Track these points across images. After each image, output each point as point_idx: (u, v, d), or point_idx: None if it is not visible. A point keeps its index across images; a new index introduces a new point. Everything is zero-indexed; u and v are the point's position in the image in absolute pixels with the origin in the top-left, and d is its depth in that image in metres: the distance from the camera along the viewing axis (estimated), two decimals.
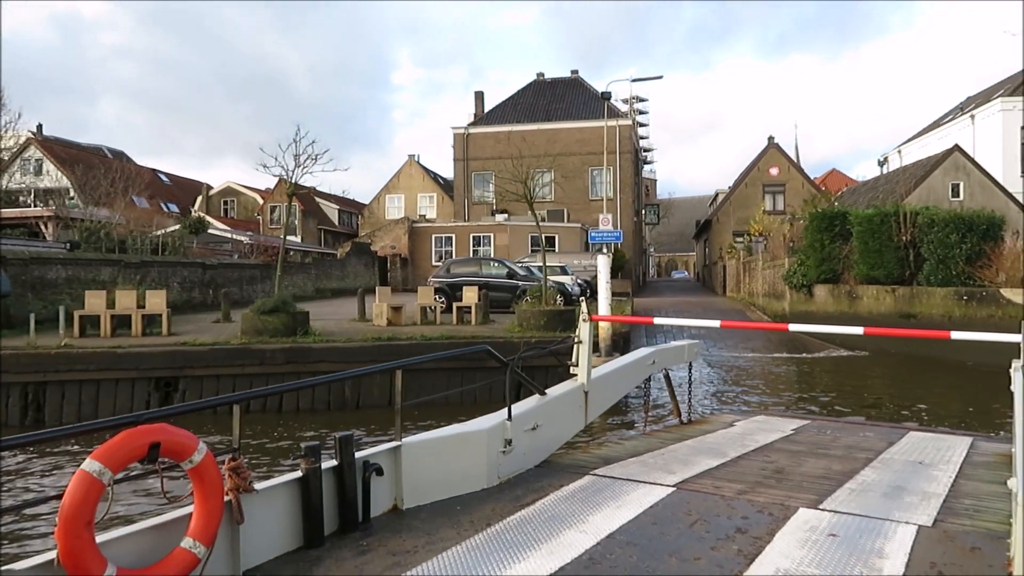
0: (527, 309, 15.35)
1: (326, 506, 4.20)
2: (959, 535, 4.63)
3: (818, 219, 24.15)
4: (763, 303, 31.75)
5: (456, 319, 17.15)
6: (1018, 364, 5.96)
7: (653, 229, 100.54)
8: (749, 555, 4.14)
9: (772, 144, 47.43)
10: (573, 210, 42.79)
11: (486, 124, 45.11)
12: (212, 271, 22.25)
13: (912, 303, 20.59)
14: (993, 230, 19.31)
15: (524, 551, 4.10)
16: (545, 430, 6.19)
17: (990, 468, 6.84)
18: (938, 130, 41.25)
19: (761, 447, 7.50)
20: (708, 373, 18.74)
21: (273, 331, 13.78)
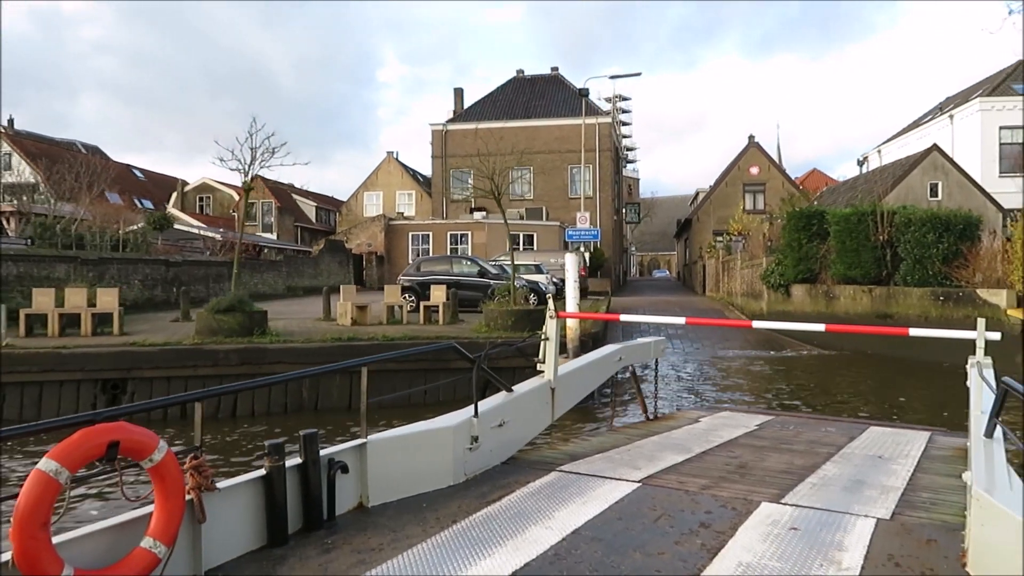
0: (494, 309, 14.91)
1: (290, 504, 4.15)
2: (916, 527, 4.72)
3: (795, 218, 23.88)
4: (741, 303, 31.49)
5: (424, 319, 16.69)
6: (974, 360, 6.34)
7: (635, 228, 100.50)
8: (712, 549, 4.18)
9: (752, 143, 47.26)
10: (552, 208, 42.41)
11: (465, 121, 44.61)
12: (176, 268, 21.64)
13: (889, 303, 20.34)
14: (970, 230, 19.08)
15: (490, 548, 4.10)
16: (512, 427, 6.20)
17: (946, 462, 7.02)
18: (917, 130, 41.16)
19: (725, 442, 7.59)
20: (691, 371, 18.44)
21: (228, 331, 13.25)
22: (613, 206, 45.98)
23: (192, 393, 4.26)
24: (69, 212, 24.92)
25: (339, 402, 12.95)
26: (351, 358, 12.88)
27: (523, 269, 25.50)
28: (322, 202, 55.75)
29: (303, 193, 54.98)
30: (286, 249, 39.62)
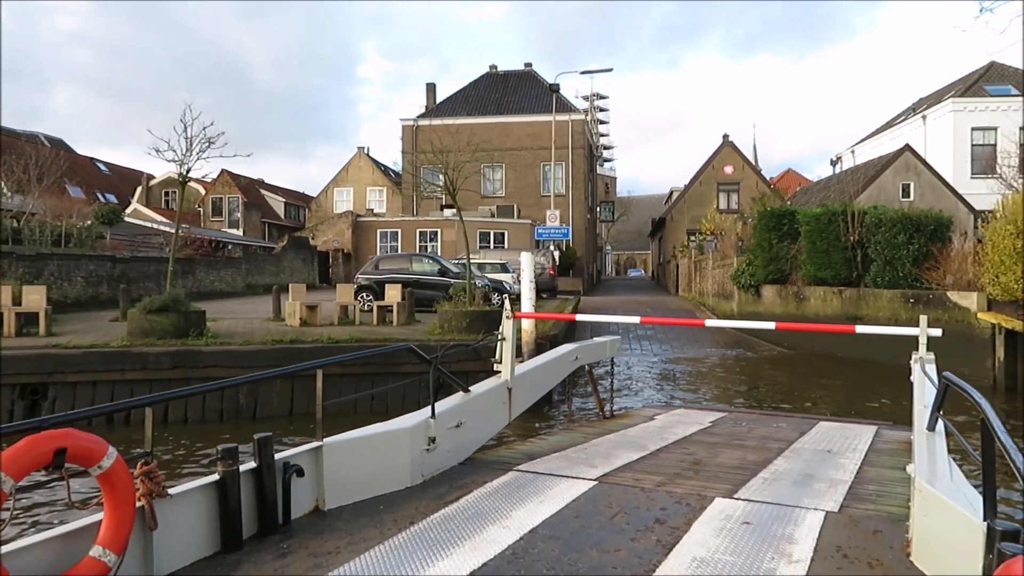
0: (448, 309, 14.23)
1: (244, 509, 4.09)
2: (863, 519, 4.84)
3: (766, 218, 23.41)
4: (713, 303, 31.06)
5: (377, 319, 15.96)
6: (916, 356, 6.44)
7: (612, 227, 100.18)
8: (667, 545, 4.23)
9: (727, 142, 46.93)
10: (525, 206, 41.76)
11: (436, 116, 43.79)
12: (124, 265, 20.72)
13: (859, 305, 19.91)
14: (941, 231, 18.65)
15: (447, 548, 4.09)
16: (469, 427, 6.20)
17: (892, 455, 7.20)
18: (891, 130, 41.01)
19: (680, 439, 7.70)
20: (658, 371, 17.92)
21: (162, 332, 12.46)
22: (586, 204, 45.44)
23: (144, 398, 4.13)
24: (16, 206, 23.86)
25: (279, 409, 12.21)
26: (293, 361, 12.29)
27: (488, 268, 24.86)
28: (291, 198, 54.68)
29: (271, 188, 53.91)
30: (251, 246, 38.65)
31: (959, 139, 34.09)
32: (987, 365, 15.85)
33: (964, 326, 16.53)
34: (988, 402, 3.50)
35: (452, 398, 6.34)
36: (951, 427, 4.74)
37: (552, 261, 28.90)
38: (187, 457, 9.98)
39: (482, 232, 37.66)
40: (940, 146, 34.76)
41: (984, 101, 34.30)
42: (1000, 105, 33.83)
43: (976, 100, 34.39)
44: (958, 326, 16.72)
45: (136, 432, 10.94)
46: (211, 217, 47.92)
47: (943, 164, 32.79)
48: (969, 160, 33.90)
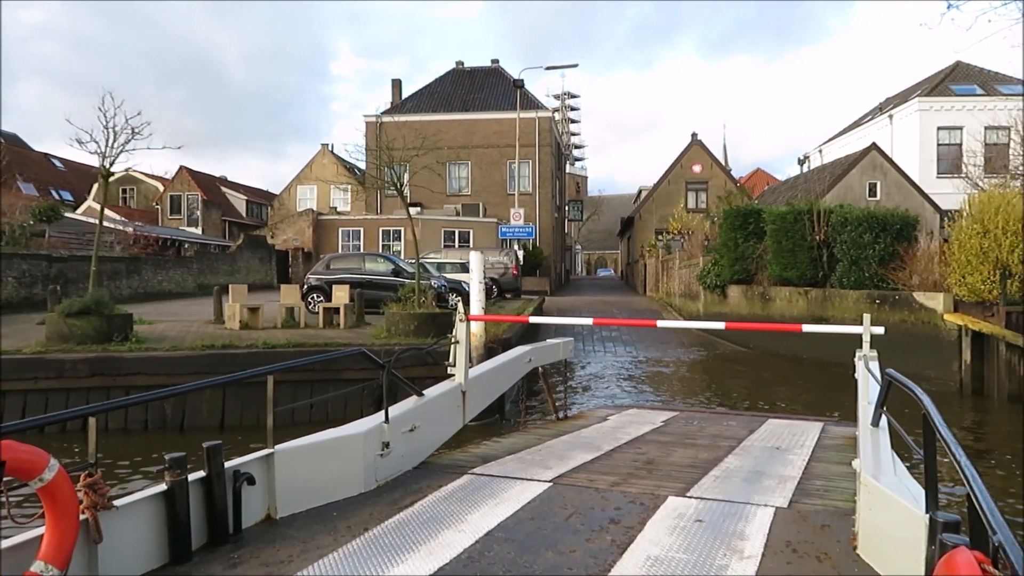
0: (396, 312, 13.49)
1: (193, 519, 4.00)
2: (811, 514, 4.92)
3: (732, 216, 22.94)
4: (680, 303, 30.60)
5: (324, 322, 15.17)
6: (860, 354, 6.57)
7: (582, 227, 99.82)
8: (622, 545, 4.25)
9: (695, 141, 46.58)
10: (491, 204, 41.04)
11: (401, 113, 42.95)
12: (61, 264, 19.67)
13: (825, 306, 19.49)
14: (907, 230, 18.28)
15: (402, 554, 4.07)
16: (423, 431, 6.17)
17: (838, 451, 7.35)
18: (858, 130, 40.91)
19: (633, 439, 7.76)
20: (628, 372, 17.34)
21: (82, 337, 11.58)
22: (554, 203, 44.83)
23: (87, 407, 3.97)
24: None
25: (209, 420, 11.42)
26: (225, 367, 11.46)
27: (449, 268, 24.14)
28: (254, 196, 53.43)
29: (233, 186, 52.64)
30: (206, 244, 37.51)
31: (925, 138, 33.99)
32: (953, 368, 15.46)
33: (930, 328, 16.13)
34: (929, 398, 3.50)
35: (406, 402, 6.22)
36: (894, 422, 4.74)
37: (516, 261, 28.23)
38: (107, 475, 9.13)
39: (447, 231, 36.90)
40: (906, 145, 34.65)
41: (950, 100, 34.23)
42: (965, 104, 33.78)
43: (942, 99, 34.31)
44: (924, 328, 16.33)
45: (54, 441, 10.09)
46: (170, 215, 46.61)
47: (909, 163, 32.65)
48: (935, 159, 33.82)
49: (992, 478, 9.65)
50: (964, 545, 2.44)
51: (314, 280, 18.56)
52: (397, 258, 20.17)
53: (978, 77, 35.95)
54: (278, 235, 36.95)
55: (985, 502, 2.36)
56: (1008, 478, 9.49)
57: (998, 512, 2.29)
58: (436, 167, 42.00)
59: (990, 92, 34.38)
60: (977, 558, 2.23)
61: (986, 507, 2.33)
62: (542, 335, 24.40)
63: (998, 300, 14.84)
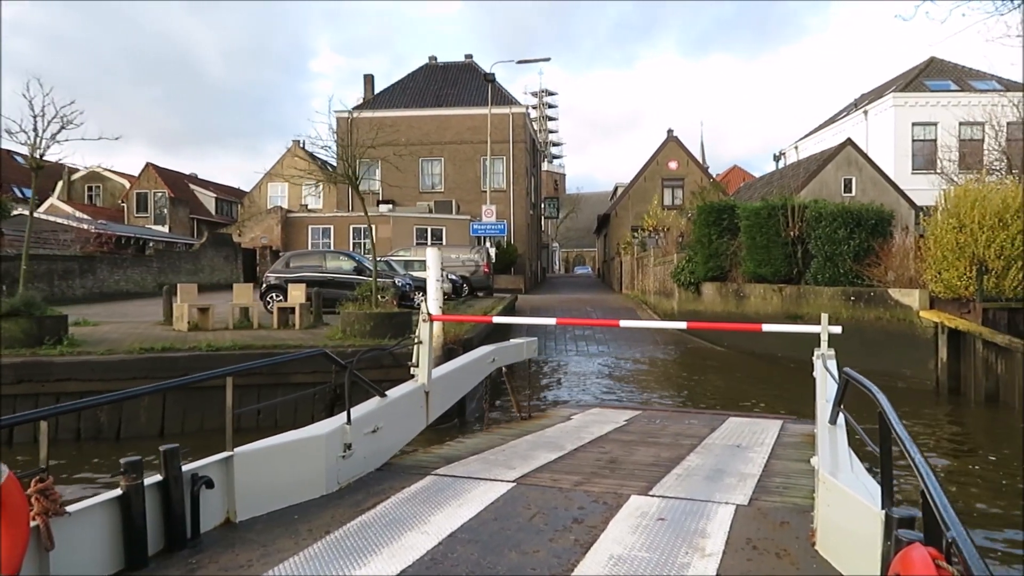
0: (352, 312, 12.85)
1: (150, 524, 3.93)
2: (771, 511, 4.95)
3: (705, 212, 22.48)
4: (654, 301, 30.17)
5: (279, 322, 14.48)
6: (819, 352, 6.54)
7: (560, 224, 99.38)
8: (585, 544, 4.25)
9: (671, 137, 46.22)
10: (464, 201, 40.38)
11: (373, 108, 42.13)
12: (8, 263, 18.78)
13: (799, 303, 19.07)
14: (882, 225, 17.89)
15: (365, 556, 4.03)
16: (386, 432, 6.13)
17: (797, 448, 7.40)
18: (833, 126, 40.73)
19: (596, 439, 7.77)
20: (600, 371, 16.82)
21: (10, 340, 10.81)
22: (529, 200, 44.26)
23: (40, 411, 3.78)
24: None
25: (148, 428, 10.71)
26: (165, 372, 10.80)
27: (417, 266, 23.48)
28: (224, 193, 52.35)
29: (203, 184, 51.56)
30: (170, 242, 36.54)
31: (900, 134, 33.81)
32: (929, 367, 15.07)
33: (906, 325, 15.73)
34: (885, 396, 3.55)
35: (368, 403, 6.17)
36: (851, 420, 4.79)
37: (487, 258, 27.60)
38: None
39: (419, 228, 36.23)
40: (882, 141, 34.46)
41: (924, 96, 34.09)
42: (940, 100, 33.64)
43: (916, 95, 34.16)
44: (900, 325, 15.93)
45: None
46: (136, 213, 45.51)
47: (884, 159, 32.44)
48: (910, 155, 33.66)
49: (971, 482, 9.22)
50: (919, 541, 2.49)
51: (273, 279, 17.85)
52: (361, 256, 19.47)
53: (952, 73, 35.85)
54: (246, 233, 36.07)
55: (939, 498, 2.36)
56: (989, 482, 9.05)
57: (951, 509, 2.29)
58: (408, 163, 41.33)
59: (964, 88, 34.29)
60: (931, 554, 2.25)
61: (940, 503, 2.33)
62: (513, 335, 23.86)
63: (975, 296, 14.45)
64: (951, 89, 34.27)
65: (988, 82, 33.49)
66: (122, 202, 45.63)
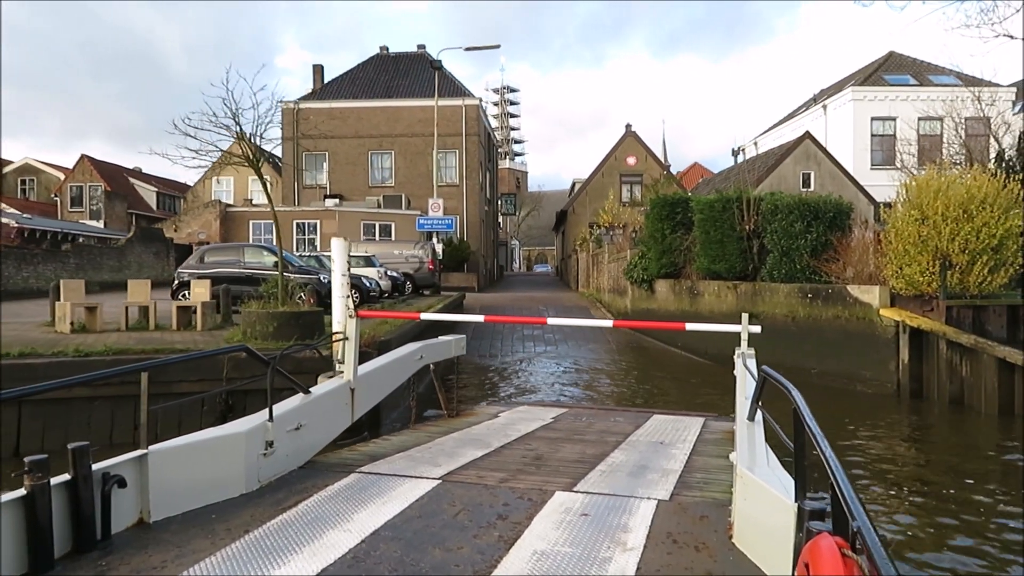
0: (254, 311, 11.42)
1: (56, 525, 3.76)
2: (691, 506, 5.07)
3: (659, 206, 21.34)
4: (608, 299, 29.05)
5: (178, 322, 12.97)
6: (739, 351, 6.61)
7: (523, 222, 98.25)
8: (509, 540, 4.26)
9: (629, 132, 45.23)
10: (416, 196, 38.88)
11: (320, 99, 40.52)
12: None
13: (755, 301, 18.01)
14: (841, 218, 16.89)
15: (285, 556, 3.95)
16: (309, 430, 6.05)
17: (717, 444, 7.47)
18: (792, 121, 40.07)
19: (523, 436, 7.76)
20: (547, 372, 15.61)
21: None
22: (483, 195, 42.92)
23: None
24: None
25: None
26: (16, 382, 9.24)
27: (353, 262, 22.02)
28: (167, 187, 50.13)
29: (144, 177, 49.33)
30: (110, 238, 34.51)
31: (859, 129, 33.15)
32: (891, 368, 14.07)
33: (865, 324, 14.73)
34: (799, 393, 3.61)
35: (291, 400, 6.08)
36: (768, 417, 4.84)
37: (433, 255, 26.21)
38: None
39: (366, 224, 34.72)
40: (841, 136, 33.79)
41: (883, 90, 33.48)
42: (899, 95, 33.05)
43: (876, 89, 33.53)
44: (859, 324, 14.92)
45: None
46: (70, 208, 43.24)
47: (844, 155, 31.76)
48: (869, 150, 32.99)
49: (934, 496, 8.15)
50: (827, 531, 2.57)
51: (185, 275, 16.29)
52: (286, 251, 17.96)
53: (911, 67, 35.33)
54: (182, 228, 34.22)
55: (846, 490, 2.47)
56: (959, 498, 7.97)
57: (857, 500, 2.39)
58: (357, 157, 39.78)
59: (923, 83, 33.76)
60: (838, 543, 2.33)
61: (847, 495, 2.43)
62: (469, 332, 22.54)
63: (937, 293, 13.48)
64: (910, 83, 33.73)
65: (946, 76, 32.94)
66: (55, 196, 43.32)
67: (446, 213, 36.42)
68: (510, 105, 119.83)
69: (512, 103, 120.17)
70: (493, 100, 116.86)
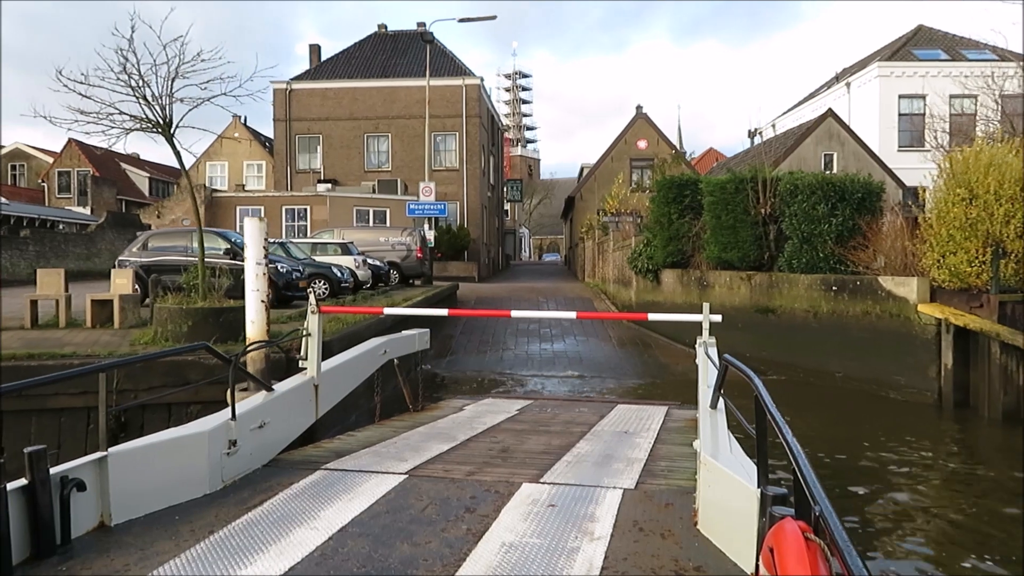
0: (165, 307, 9.53)
1: (14, 531, 3.71)
2: (656, 494, 5.14)
3: (665, 188, 19.27)
4: (613, 290, 27.03)
5: (93, 319, 11.12)
6: (701, 340, 6.86)
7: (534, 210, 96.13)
8: (477, 533, 4.30)
9: (640, 114, 42.96)
10: (413, 181, 36.77)
11: (313, 79, 38.58)
12: None
13: (771, 294, 15.97)
14: (870, 199, 14.79)
15: (251, 555, 3.93)
16: (273, 427, 6.02)
17: (681, 432, 7.67)
18: (813, 101, 37.68)
19: (489, 428, 7.84)
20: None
21: None
22: (485, 180, 40.88)
23: None
24: None
25: None
26: None
27: (331, 249, 20.16)
28: (160, 173, 48.49)
29: (137, 163, 47.70)
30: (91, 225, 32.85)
31: (885, 107, 30.77)
32: (930, 374, 12.00)
33: (900, 321, 12.66)
34: (761, 380, 3.65)
35: (255, 397, 6.12)
36: (730, 404, 4.91)
37: (422, 242, 24.27)
38: None
39: (359, 210, 32.82)
40: (866, 116, 31.42)
41: (912, 66, 31.07)
42: (929, 70, 30.64)
43: (904, 64, 31.12)
44: (892, 321, 12.85)
45: None
46: (58, 194, 41.70)
47: (869, 136, 29.45)
48: (896, 130, 30.62)
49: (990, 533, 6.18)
50: (790, 516, 2.66)
51: (127, 263, 14.45)
52: (237, 235, 16.06)
53: (942, 42, 32.85)
54: (166, 214, 32.50)
55: (808, 475, 2.52)
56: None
57: (819, 485, 2.45)
58: (353, 140, 37.85)
59: (956, 57, 31.31)
60: (801, 527, 2.46)
61: (809, 480, 2.49)
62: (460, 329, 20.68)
63: (988, 286, 11.41)
64: (941, 58, 31.29)
65: (981, 51, 30.47)
66: (42, 181, 41.77)
67: (445, 198, 34.49)
68: (522, 91, 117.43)
69: (524, 88, 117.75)
70: (505, 86, 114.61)
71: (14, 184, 45.43)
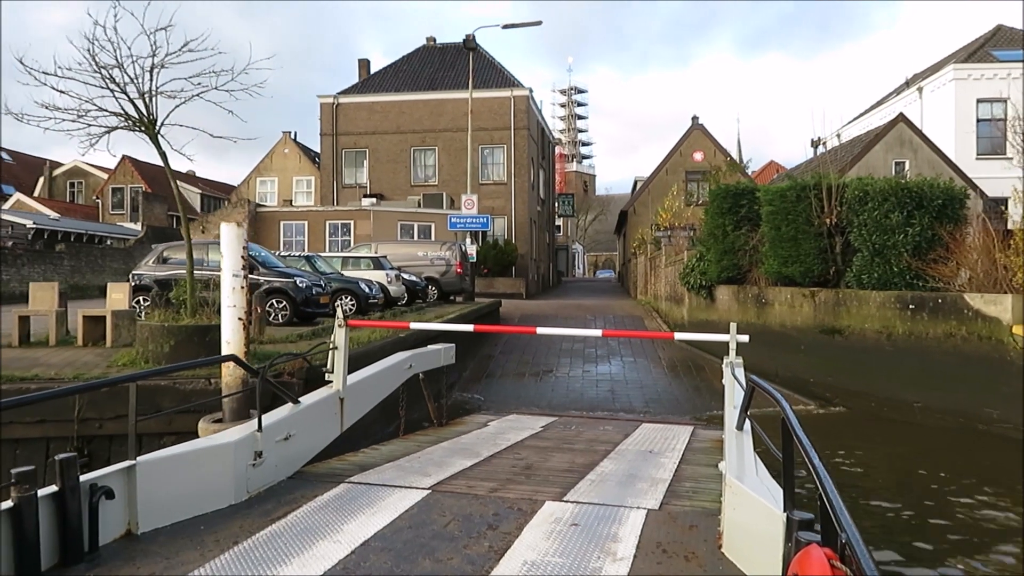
0: (147, 325, 8.60)
1: (44, 537, 3.76)
2: (680, 515, 5.07)
3: (719, 198, 17.78)
4: (666, 308, 25.50)
5: (84, 337, 10.29)
6: (728, 360, 6.75)
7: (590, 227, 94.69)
8: (499, 551, 4.27)
9: (696, 125, 41.40)
10: (459, 195, 35.94)
11: (360, 93, 38.16)
12: None
13: (838, 313, 14.34)
14: (952, 207, 13.10)
15: (274, 567, 3.96)
16: (298, 439, 6.04)
17: (706, 453, 7.57)
18: (881, 108, 35.54)
19: (512, 445, 7.80)
20: None
21: None
22: (535, 194, 39.77)
23: None
24: None
25: None
26: None
27: (364, 264, 19.25)
28: (213, 189, 48.84)
29: (190, 179, 48.12)
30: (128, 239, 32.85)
31: (962, 112, 28.60)
32: None
33: (991, 345, 10.98)
34: (788, 404, 3.54)
35: (280, 409, 6.10)
36: (757, 426, 4.86)
37: (462, 256, 23.23)
38: None
39: (403, 224, 32.03)
40: (940, 122, 29.29)
41: (991, 68, 28.85)
42: (1011, 72, 28.36)
43: (982, 67, 28.93)
44: (981, 345, 11.17)
45: None
46: (111, 210, 42.15)
47: (944, 143, 27.36)
48: (975, 136, 28.41)
49: None
50: (816, 542, 2.60)
51: (144, 278, 13.71)
52: (261, 248, 15.22)
53: None
54: (210, 229, 32.19)
55: (836, 502, 2.45)
56: None
57: (846, 512, 2.36)
58: (399, 154, 37.21)
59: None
60: (827, 554, 2.40)
61: (836, 507, 2.43)
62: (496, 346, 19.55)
63: None
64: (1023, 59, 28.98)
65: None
66: (97, 198, 42.30)
67: (492, 212, 33.54)
68: (578, 107, 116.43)
69: (580, 104, 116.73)
70: (560, 102, 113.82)
71: (72, 201, 46.25)
